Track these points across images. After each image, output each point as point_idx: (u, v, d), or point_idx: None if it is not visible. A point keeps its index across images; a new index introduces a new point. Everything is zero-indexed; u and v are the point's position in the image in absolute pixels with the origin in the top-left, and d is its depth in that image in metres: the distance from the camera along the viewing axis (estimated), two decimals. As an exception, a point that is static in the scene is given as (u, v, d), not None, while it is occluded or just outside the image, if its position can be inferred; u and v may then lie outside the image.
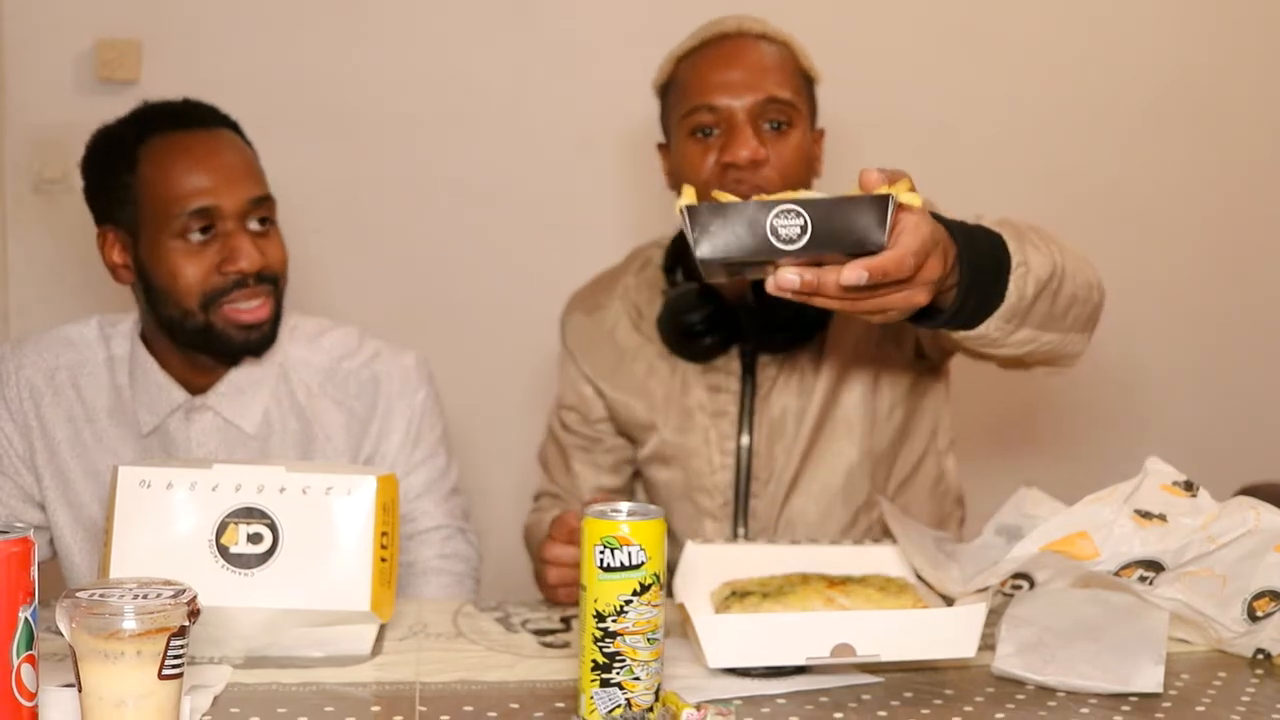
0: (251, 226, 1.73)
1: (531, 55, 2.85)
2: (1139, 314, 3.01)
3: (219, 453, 1.78)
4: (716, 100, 1.75)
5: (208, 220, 1.69)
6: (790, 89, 1.76)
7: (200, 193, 1.69)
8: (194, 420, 1.78)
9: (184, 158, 1.71)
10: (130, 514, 1.37)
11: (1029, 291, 1.42)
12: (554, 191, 2.88)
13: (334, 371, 1.84)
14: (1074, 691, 1.33)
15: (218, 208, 1.70)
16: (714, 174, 1.73)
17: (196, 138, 1.73)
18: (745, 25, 1.80)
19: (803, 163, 1.77)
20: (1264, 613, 1.40)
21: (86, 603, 1.07)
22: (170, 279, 1.70)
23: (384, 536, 1.39)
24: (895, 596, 1.38)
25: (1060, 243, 1.55)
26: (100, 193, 1.76)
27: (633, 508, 1.23)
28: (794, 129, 1.76)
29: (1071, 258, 1.53)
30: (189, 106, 1.78)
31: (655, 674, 1.23)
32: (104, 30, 2.73)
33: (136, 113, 1.77)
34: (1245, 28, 3.07)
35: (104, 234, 1.77)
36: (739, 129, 1.73)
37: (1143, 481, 1.41)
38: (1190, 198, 3.08)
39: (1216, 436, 3.06)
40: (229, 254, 1.70)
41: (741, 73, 1.75)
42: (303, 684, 1.33)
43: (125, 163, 1.72)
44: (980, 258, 1.37)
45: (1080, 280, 1.54)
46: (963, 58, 2.94)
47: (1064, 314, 1.53)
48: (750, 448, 1.85)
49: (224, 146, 1.74)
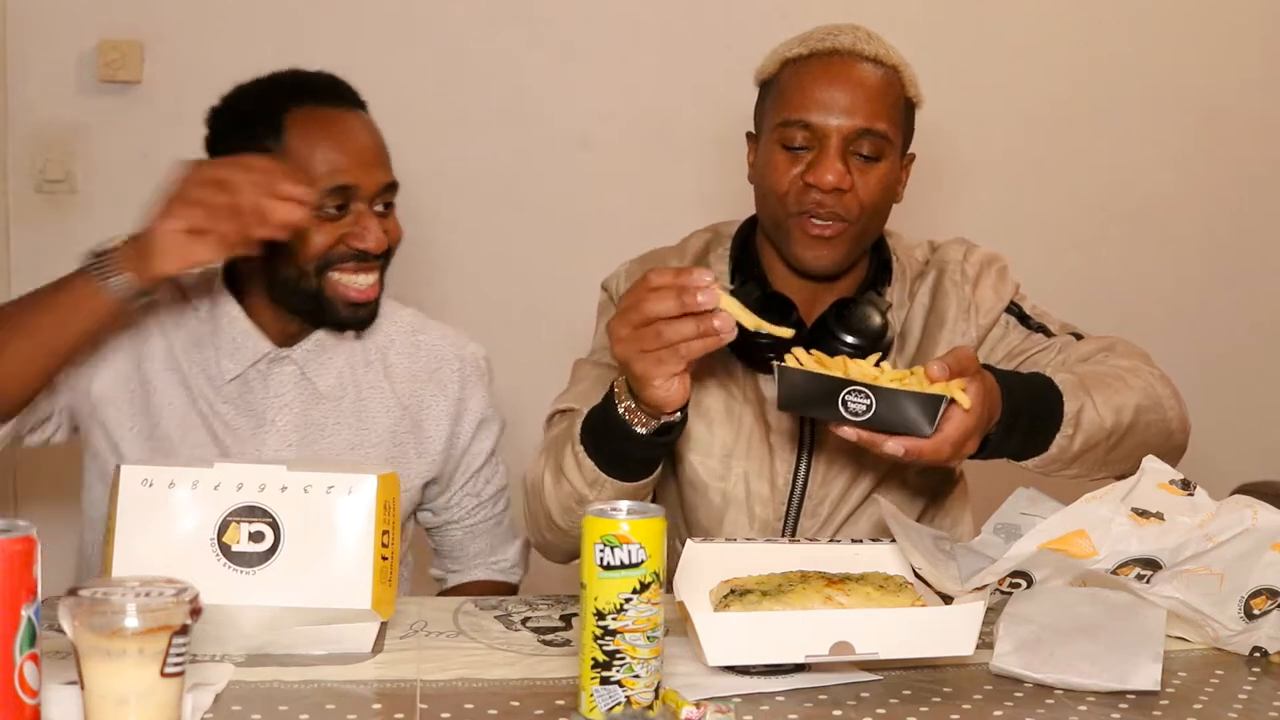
0: (377, 208, 1.80)
1: (531, 55, 2.85)
2: (1137, 312, 3.01)
3: (293, 407, 1.84)
4: (812, 118, 1.71)
5: (343, 198, 1.76)
6: (888, 120, 1.72)
7: (341, 171, 1.75)
8: (274, 372, 1.83)
9: (330, 134, 1.77)
10: (132, 513, 1.38)
11: (1075, 449, 1.61)
12: (553, 191, 2.88)
13: (409, 343, 1.93)
14: (1072, 689, 1.33)
15: (355, 187, 1.76)
16: (796, 189, 1.72)
17: (343, 116, 1.80)
18: (860, 45, 1.74)
19: (885, 193, 1.74)
20: (1261, 610, 1.40)
21: (89, 601, 1.07)
22: (298, 244, 1.74)
23: (385, 535, 1.39)
24: (894, 595, 1.38)
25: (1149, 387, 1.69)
26: (234, 149, 1.77)
27: (632, 506, 1.24)
28: (883, 160, 1.73)
29: (1152, 406, 1.68)
30: (336, 83, 1.84)
31: (655, 672, 1.23)
32: (106, 31, 2.73)
33: (285, 78, 1.82)
34: (1245, 28, 3.07)
35: None
36: (828, 153, 1.70)
37: (1140, 480, 1.42)
38: (1189, 197, 3.08)
39: (1214, 435, 3.06)
40: (358, 232, 1.76)
41: (843, 96, 1.71)
42: (304, 682, 1.34)
43: (270, 128, 1.76)
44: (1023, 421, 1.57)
45: (1155, 431, 1.69)
46: (963, 57, 2.94)
47: (1123, 459, 1.66)
48: (808, 472, 1.80)
49: (365, 129, 1.81)
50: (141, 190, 1.66)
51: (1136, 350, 1.78)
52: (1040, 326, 1.82)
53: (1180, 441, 1.75)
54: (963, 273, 1.82)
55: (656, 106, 2.88)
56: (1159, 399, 1.70)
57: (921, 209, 1.82)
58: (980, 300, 1.81)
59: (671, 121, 2.87)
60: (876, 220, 1.77)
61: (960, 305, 1.80)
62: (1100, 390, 1.64)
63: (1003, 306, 1.82)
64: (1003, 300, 1.82)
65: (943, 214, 2.74)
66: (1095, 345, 1.78)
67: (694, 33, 2.88)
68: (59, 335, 1.65)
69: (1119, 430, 1.64)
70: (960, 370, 1.47)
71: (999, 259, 1.86)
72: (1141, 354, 1.78)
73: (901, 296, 1.83)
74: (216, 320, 1.83)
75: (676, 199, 2.79)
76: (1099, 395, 1.63)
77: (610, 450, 1.60)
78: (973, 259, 1.84)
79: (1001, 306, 1.82)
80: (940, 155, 2.90)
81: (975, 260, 1.84)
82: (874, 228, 1.78)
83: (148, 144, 2.73)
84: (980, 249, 1.87)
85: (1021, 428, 1.57)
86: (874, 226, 1.78)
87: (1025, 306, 1.84)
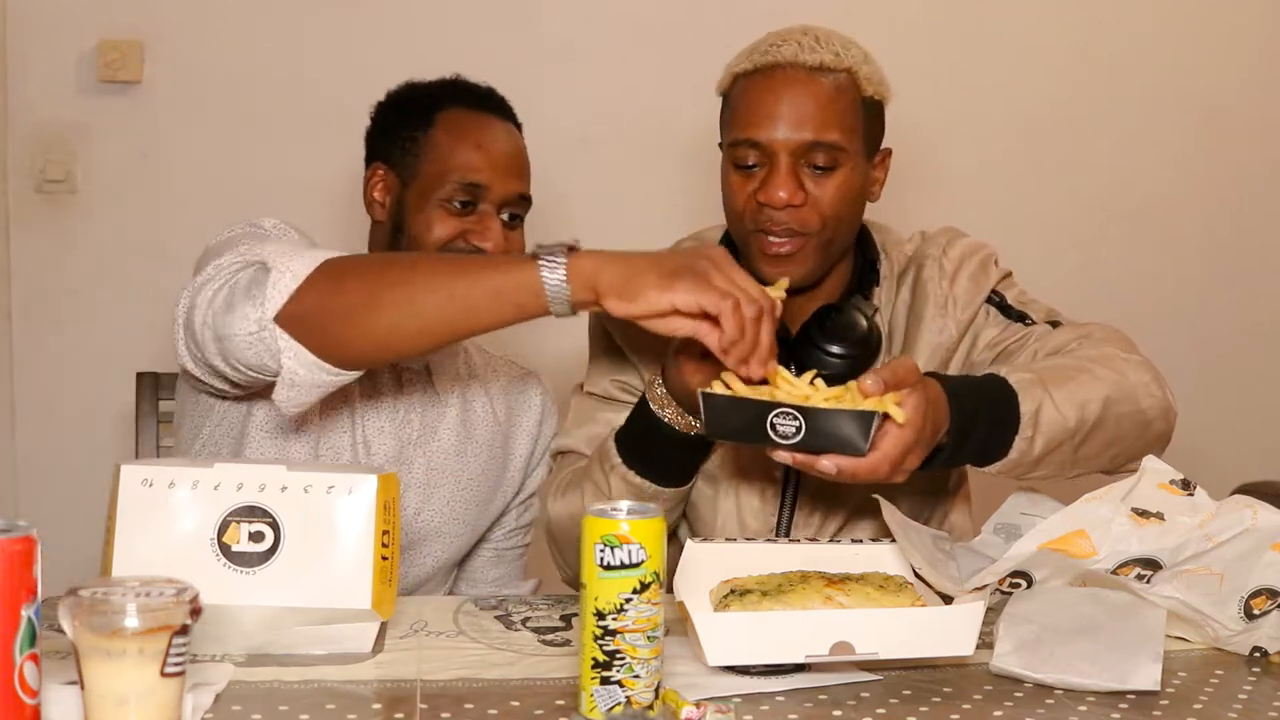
0: (504, 216, 1.83)
1: (531, 55, 2.85)
2: (1137, 311, 3.01)
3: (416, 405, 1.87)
4: (760, 137, 1.68)
5: (473, 196, 1.80)
6: (840, 129, 1.68)
7: (476, 169, 1.81)
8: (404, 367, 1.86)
9: (474, 135, 1.83)
10: (132, 512, 1.38)
11: (1037, 450, 1.55)
12: (553, 191, 2.88)
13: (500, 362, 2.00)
14: (1072, 689, 1.33)
15: (486, 187, 1.81)
16: (752, 207, 1.70)
17: (492, 123, 1.86)
18: (802, 55, 1.69)
19: (847, 200, 1.71)
20: (1261, 610, 1.40)
21: (89, 601, 1.07)
22: (423, 231, 1.80)
23: (385, 535, 1.39)
24: (894, 595, 1.38)
25: (1121, 377, 1.61)
26: (387, 136, 1.88)
27: (632, 506, 1.24)
28: (840, 169, 1.69)
29: (1124, 397, 1.61)
30: (493, 94, 1.91)
31: (655, 672, 1.23)
32: (107, 31, 2.73)
33: (449, 82, 1.91)
34: (1245, 28, 3.07)
35: (375, 170, 1.88)
36: (779, 170, 1.68)
37: (1140, 480, 1.42)
38: (1189, 197, 3.08)
39: (1214, 435, 3.06)
40: (480, 230, 1.80)
41: (789, 110, 1.68)
42: (304, 682, 1.34)
43: (422, 119, 1.84)
44: (979, 427, 1.52)
45: (1129, 423, 1.62)
46: (963, 58, 2.95)
47: (1095, 455, 1.62)
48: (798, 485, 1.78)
49: (511, 140, 1.87)
50: (141, 190, 1.66)
51: (1115, 336, 1.72)
52: (1021, 315, 1.77)
53: (1161, 430, 1.68)
54: (941, 267, 1.78)
55: (656, 106, 2.88)
56: (1131, 389, 1.63)
57: (921, 209, 1.83)
58: (958, 294, 1.77)
59: (671, 121, 2.86)
60: (844, 227, 1.73)
61: (937, 301, 1.76)
62: (1061, 386, 1.57)
63: (983, 298, 1.78)
64: (983, 291, 1.78)
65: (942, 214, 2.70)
66: (1070, 334, 1.72)
67: (694, 33, 2.88)
68: (485, 317, 1.49)
69: (1084, 426, 1.58)
70: (897, 383, 1.42)
71: (982, 248, 1.82)
72: (1120, 339, 1.71)
73: (890, 295, 1.81)
74: None
75: (676, 199, 2.79)
76: (1060, 392, 1.56)
77: (663, 460, 1.65)
78: (953, 252, 1.79)
79: (981, 298, 1.78)
80: (940, 155, 2.91)
81: (955, 253, 1.79)
82: (842, 234, 1.74)
83: (148, 144, 2.74)
84: (964, 240, 1.82)
85: (977, 434, 1.52)
86: (842, 233, 1.74)
87: (1009, 295, 1.79)
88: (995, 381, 1.56)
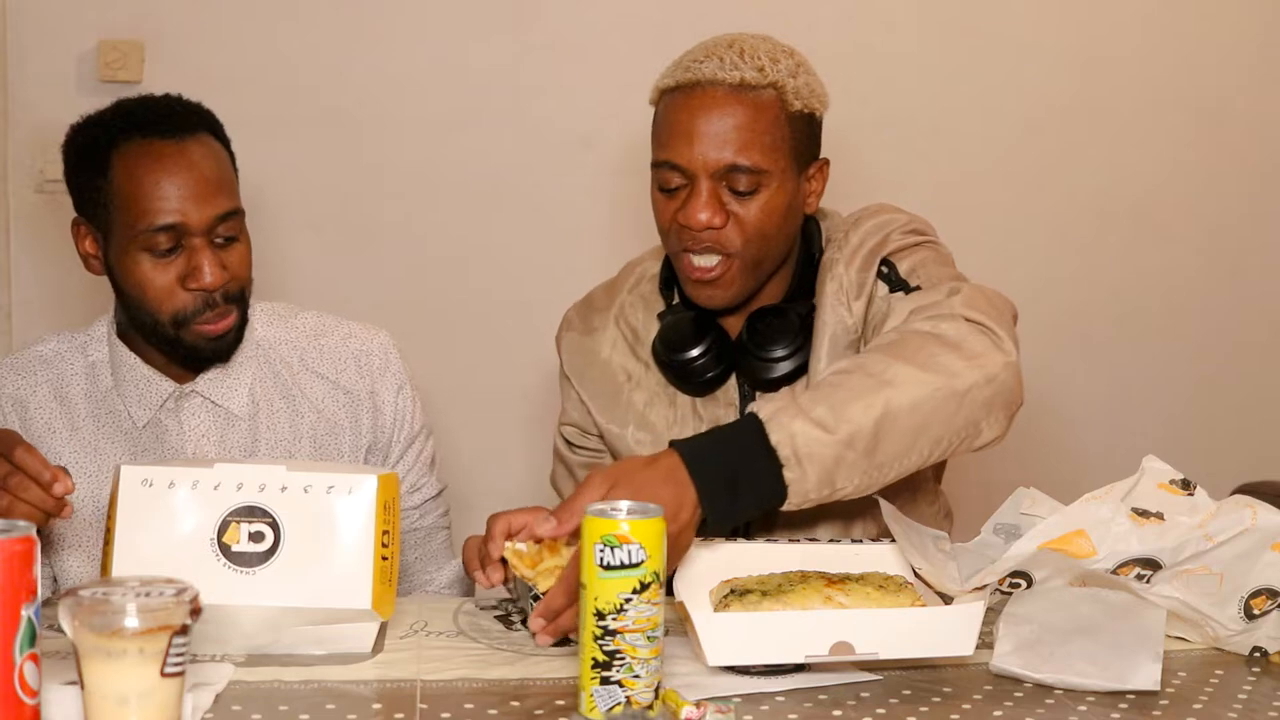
0: (217, 241, 1.73)
1: (531, 55, 2.85)
2: (1136, 311, 3.02)
3: (210, 436, 1.79)
4: (678, 159, 1.66)
5: (174, 239, 1.69)
6: (760, 150, 1.64)
7: (167, 210, 1.68)
8: (183, 407, 1.79)
9: (154, 170, 1.69)
10: (132, 513, 1.38)
11: (813, 478, 1.40)
12: (553, 191, 2.88)
13: (312, 347, 1.88)
14: (1071, 689, 1.33)
15: (184, 225, 1.69)
16: (675, 228, 1.69)
17: (169, 148, 1.71)
18: (721, 73, 1.65)
19: (773, 219, 1.67)
20: (1261, 610, 1.40)
21: (89, 601, 1.07)
22: (139, 290, 1.71)
23: (385, 535, 1.40)
24: (894, 595, 1.38)
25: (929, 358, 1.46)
26: (75, 187, 1.77)
27: (632, 506, 1.24)
28: (763, 190, 1.65)
29: (924, 380, 1.44)
30: (164, 111, 1.75)
31: (655, 671, 1.23)
32: (107, 31, 2.73)
33: (111, 113, 1.76)
34: (1245, 28, 3.07)
35: (78, 225, 1.77)
36: (698, 192, 1.65)
37: (1140, 480, 1.42)
38: (1189, 197, 3.08)
39: (1214, 435, 3.06)
40: (192, 271, 1.70)
41: (707, 130, 1.64)
42: (304, 682, 1.34)
43: (98, 166, 1.72)
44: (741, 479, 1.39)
45: (934, 408, 1.45)
46: (963, 57, 2.94)
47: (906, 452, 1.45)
48: None
49: (196, 158, 1.72)
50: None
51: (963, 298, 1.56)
52: (904, 285, 1.69)
53: (987, 396, 1.48)
54: (840, 250, 1.73)
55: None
56: (941, 368, 1.46)
57: (920, 208, 1.81)
58: (853, 277, 1.70)
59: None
60: (771, 244, 1.70)
61: (834, 289, 1.71)
62: (824, 400, 1.42)
63: (873, 275, 1.70)
64: (873, 269, 1.70)
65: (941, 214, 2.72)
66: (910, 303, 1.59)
67: (694, 33, 2.84)
68: None
69: (863, 434, 1.41)
70: (570, 516, 1.35)
71: (888, 224, 1.72)
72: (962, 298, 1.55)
73: None
74: (117, 375, 1.80)
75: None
76: (820, 408, 1.41)
77: None
78: (855, 234, 1.73)
79: (872, 275, 1.70)
80: (939, 155, 2.91)
81: (857, 235, 1.72)
82: (772, 250, 1.71)
83: (147, 144, 2.73)
84: (875, 219, 1.74)
85: (742, 487, 1.39)
86: (771, 250, 1.71)
87: (902, 266, 1.70)
88: (740, 425, 1.44)
